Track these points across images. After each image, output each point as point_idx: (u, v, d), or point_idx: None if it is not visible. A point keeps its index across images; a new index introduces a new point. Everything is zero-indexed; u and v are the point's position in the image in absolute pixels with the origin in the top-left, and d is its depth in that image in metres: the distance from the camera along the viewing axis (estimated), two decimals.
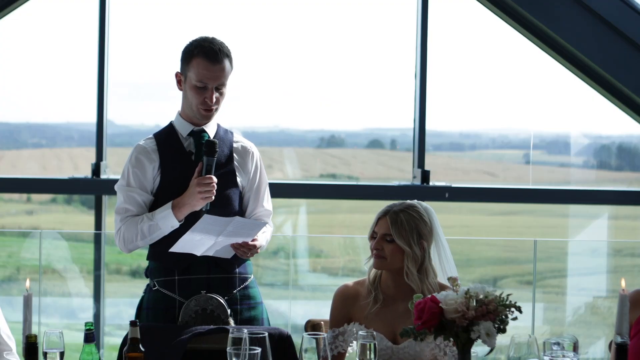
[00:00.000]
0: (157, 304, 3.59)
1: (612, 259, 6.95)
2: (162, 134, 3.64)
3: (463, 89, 6.82)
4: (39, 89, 6.97)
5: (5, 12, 5.95)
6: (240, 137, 3.74)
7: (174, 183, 3.55)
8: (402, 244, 3.39)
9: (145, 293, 3.67)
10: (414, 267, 3.40)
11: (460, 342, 2.85)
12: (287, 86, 7.06)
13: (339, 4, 6.82)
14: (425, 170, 5.99)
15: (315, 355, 2.82)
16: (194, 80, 3.52)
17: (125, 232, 3.55)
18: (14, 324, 3.51)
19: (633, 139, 6.86)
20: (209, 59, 3.50)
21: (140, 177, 3.57)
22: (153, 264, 3.64)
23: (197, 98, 3.54)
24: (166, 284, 3.58)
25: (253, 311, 3.66)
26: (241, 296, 3.63)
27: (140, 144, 3.62)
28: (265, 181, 3.75)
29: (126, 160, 3.61)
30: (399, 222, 3.41)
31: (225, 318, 3.51)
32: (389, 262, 3.42)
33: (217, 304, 3.52)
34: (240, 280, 3.64)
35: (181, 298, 3.55)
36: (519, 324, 3.85)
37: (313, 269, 7.21)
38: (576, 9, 5.78)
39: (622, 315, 2.87)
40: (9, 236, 7.57)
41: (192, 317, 3.51)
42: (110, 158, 6.00)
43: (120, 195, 3.59)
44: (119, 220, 3.57)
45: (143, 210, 3.57)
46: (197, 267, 3.56)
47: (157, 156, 3.58)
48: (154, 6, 6.68)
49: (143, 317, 3.62)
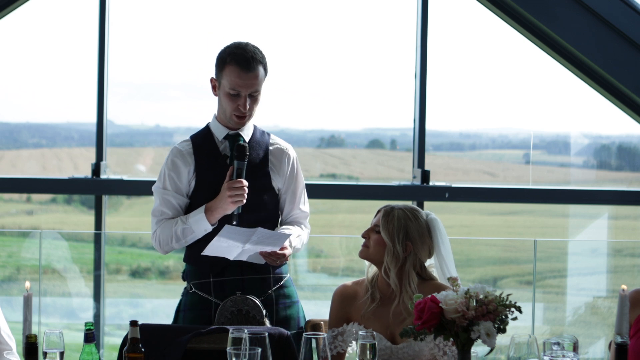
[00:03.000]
0: (194, 307, 3.61)
1: (612, 259, 6.95)
2: (199, 137, 3.64)
3: (463, 89, 6.82)
4: (39, 89, 6.97)
5: (5, 12, 5.95)
6: (277, 138, 3.73)
7: (209, 186, 3.56)
8: (385, 236, 3.39)
9: (183, 296, 3.69)
10: (393, 265, 3.39)
11: (460, 342, 2.85)
12: (287, 86, 7.06)
13: (339, 4, 6.83)
14: (425, 170, 5.99)
15: (316, 355, 2.82)
16: (227, 88, 3.51)
17: (160, 235, 3.57)
18: (14, 324, 3.51)
19: (633, 139, 6.86)
20: (242, 67, 3.48)
21: (176, 180, 3.58)
22: (189, 267, 3.67)
23: (231, 105, 3.53)
24: (202, 286, 3.60)
25: (289, 310, 3.66)
26: (277, 296, 3.63)
27: (176, 146, 3.63)
28: (302, 183, 3.74)
29: (163, 163, 3.64)
30: (390, 216, 3.42)
31: (260, 318, 3.52)
32: (370, 252, 3.43)
33: (252, 304, 3.53)
34: (275, 280, 3.64)
35: (217, 300, 3.57)
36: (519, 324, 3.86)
37: (313, 269, 7.21)
38: (576, 8, 5.78)
39: (622, 315, 2.87)
40: (9, 236, 7.57)
41: (227, 317, 3.52)
42: (110, 158, 6.00)
43: (157, 197, 3.62)
44: (154, 222, 3.60)
45: (178, 212, 3.59)
46: (231, 269, 3.57)
47: (192, 159, 3.59)
48: (154, 6, 6.68)
49: (180, 320, 3.65)
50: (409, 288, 3.39)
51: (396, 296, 3.41)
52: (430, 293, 2.95)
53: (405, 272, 3.40)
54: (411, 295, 3.33)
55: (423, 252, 3.43)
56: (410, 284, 3.39)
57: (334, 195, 6.43)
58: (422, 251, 3.42)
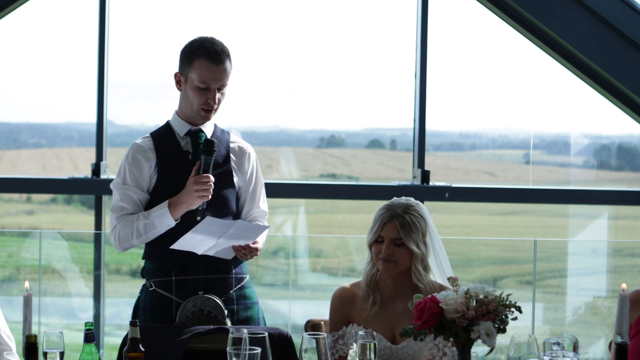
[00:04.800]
0: (154, 305, 3.59)
1: (612, 259, 6.95)
2: (159, 133, 3.64)
3: (463, 89, 6.82)
4: (39, 89, 6.97)
5: (5, 12, 5.95)
6: (236, 137, 3.74)
7: (171, 182, 3.55)
8: (412, 246, 3.38)
9: (141, 293, 3.66)
10: (421, 266, 3.41)
11: (460, 342, 2.85)
12: (287, 86, 7.06)
13: (339, 4, 6.83)
14: (425, 170, 5.99)
15: (315, 355, 2.81)
16: (197, 81, 3.52)
17: (120, 231, 3.54)
18: (14, 324, 3.51)
19: (633, 139, 6.86)
20: (212, 60, 3.50)
21: (137, 176, 3.57)
22: (149, 264, 3.64)
23: (199, 99, 3.54)
24: (163, 285, 3.58)
25: (249, 311, 3.66)
26: (237, 296, 3.63)
27: (137, 142, 3.62)
28: (262, 182, 3.76)
29: (122, 159, 3.62)
30: (407, 224, 3.39)
31: (222, 319, 3.51)
32: (399, 266, 3.41)
33: (214, 304, 3.52)
34: (237, 280, 3.64)
35: (178, 299, 3.56)
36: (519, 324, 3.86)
37: (313, 269, 7.21)
38: (576, 8, 5.78)
39: (622, 315, 2.87)
40: (9, 236, 7.57)
41: (189, 317, 3.51)
42: (110, 158, 6.00)
43: (116, 193, 3.58)
44: (114, 218, 3.57)
45: (139, 208, 3.57)
46: (195, 267, 3.56)
47: (154, 155, 3.58)
48: (154, 6, 6.68)
49: (140, 318, 3.61)
50: (429, 281, 3.41)
51: (399, 295, 3.41)
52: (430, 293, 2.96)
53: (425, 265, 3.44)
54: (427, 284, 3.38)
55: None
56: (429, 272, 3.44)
57: (334, 195, 6.43)
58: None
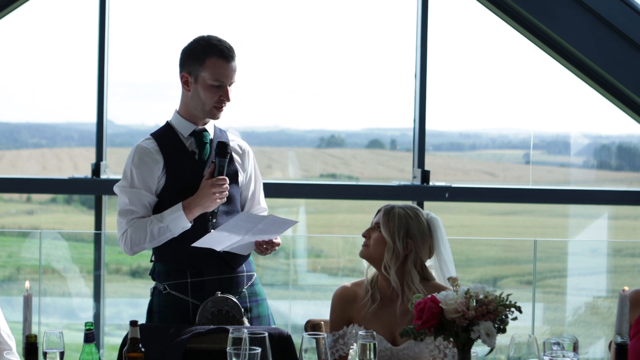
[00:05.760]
0: (169, 307, 3.56)
1: (612, 259, 6.95)
2: (161, 134, 3.61)
3: (463, 89, 6.82)
4: (39, 89, 6.97)
5: (5, 12, 5.95)
6: (234, 136, 3.75)
7: (179, 183, 3.53)
8: (385, 234, 3.39)
9: (154, 296, 3.62)
10: (393, 263, 3.38)
11: (460, 342, 2.85)
12: (287, 86, 7.06)
13: (339, 4, 6.83)
14: (425, 170, 5.99)
15: (315, 355, 2.81)
16: (210, 80, 3.51)
17: (132, 235, 3.50)
18: (14, 324, 3.51)
19: (633, 139, 6.86)
20: (224, 57, 3.51)
21: (146, 178, 3.52)
22: (160, 266, 3.60)
23: (212, 97, 3.52)
24: (178, 287, 3.56)
25: (260, 308, 3.67)
26: (249, 293, 3.64)
27: (140, 144, 3.57)
28: (260, 179, 3.79)
29: (127, 162, 3.56)
30: (390, 214, 3.41)
31: (240, 318, 3.51)
32: (370, 251, 3.42)
33: (232, 304, 3.52)
34: (247, 278, 3.65)
35: (194, 300, 3.54)
36: (519, 324, 3.86)
37: (313, 269, 7.21)
38: (576, 8, 5.78)
39: (622, 315, 2.87)
40: (9, 236, 7.57)
41: (208, 318, 3.49)
42: (110, 158, 6.00)
43: (124, 196, 3.53)
44: (124, 223, 3.52)
45: (148, 211, 3.54)
46: (209, 268, 3.55)
47: (161, 157, 3.54)
48: (154, 6, 6.69)
49: (155, 321, 3.59)
50: (412, 285, 3.38)
51: (398, 296, 3.40)
52: (430, 293, 2.95)
53: (406, 271, 3.39)
54: (415, 292, 3.33)
55: (424, 251, 3.42)
56: (413, 281, 3.38)
57: (334, 195, 6.43)
58: (423, 250, 3.42)
